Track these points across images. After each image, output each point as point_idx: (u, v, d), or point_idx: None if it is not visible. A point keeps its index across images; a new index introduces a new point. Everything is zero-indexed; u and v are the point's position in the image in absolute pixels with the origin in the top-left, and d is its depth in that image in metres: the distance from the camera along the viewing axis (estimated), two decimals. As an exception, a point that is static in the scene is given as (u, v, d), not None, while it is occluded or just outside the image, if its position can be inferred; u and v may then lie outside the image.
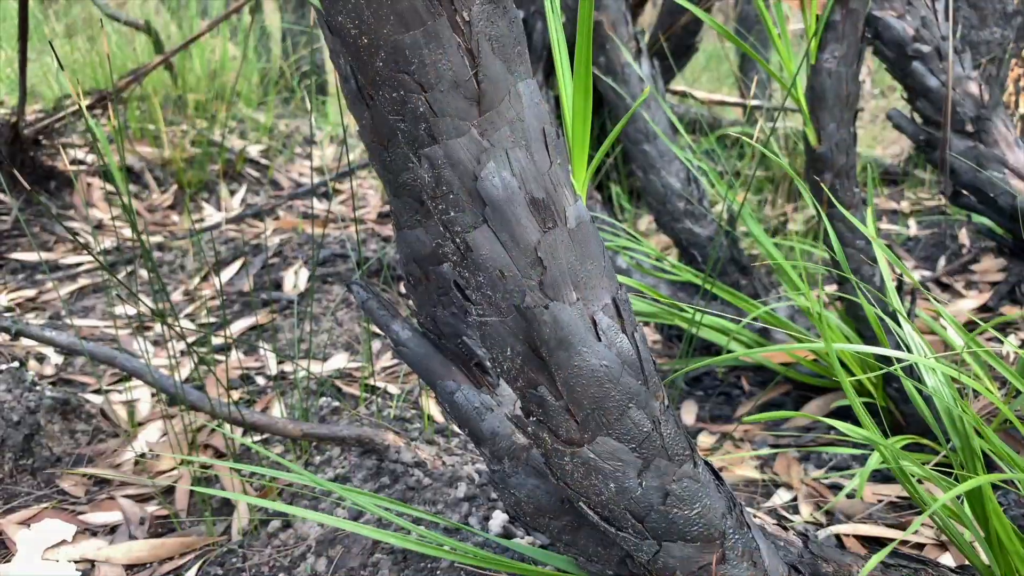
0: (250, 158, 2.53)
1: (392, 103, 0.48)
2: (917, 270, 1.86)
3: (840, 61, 0.96)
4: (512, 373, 0.53)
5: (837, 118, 0.98)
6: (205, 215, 2.19)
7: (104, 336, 1.46)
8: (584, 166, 0.54)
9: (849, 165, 1.00)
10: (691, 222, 1.29)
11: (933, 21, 1.31)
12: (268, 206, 2.24)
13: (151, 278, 1.76)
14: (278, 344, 1.44)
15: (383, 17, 0.45)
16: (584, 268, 0.51)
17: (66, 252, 1.90)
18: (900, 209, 2.16)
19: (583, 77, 0.52)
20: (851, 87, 0.98)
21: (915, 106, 1.33)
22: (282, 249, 1.83)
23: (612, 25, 1.26)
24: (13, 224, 1.95)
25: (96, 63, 3.19)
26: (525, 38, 0.50)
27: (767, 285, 1.30)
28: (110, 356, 0.94)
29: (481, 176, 0.48)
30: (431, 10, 0.45)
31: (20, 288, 1.69)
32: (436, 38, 0.46)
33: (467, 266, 0.51)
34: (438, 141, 0.48)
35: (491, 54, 0.47)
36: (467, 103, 0.47)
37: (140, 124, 2.52)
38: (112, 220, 2.11)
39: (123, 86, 1.99)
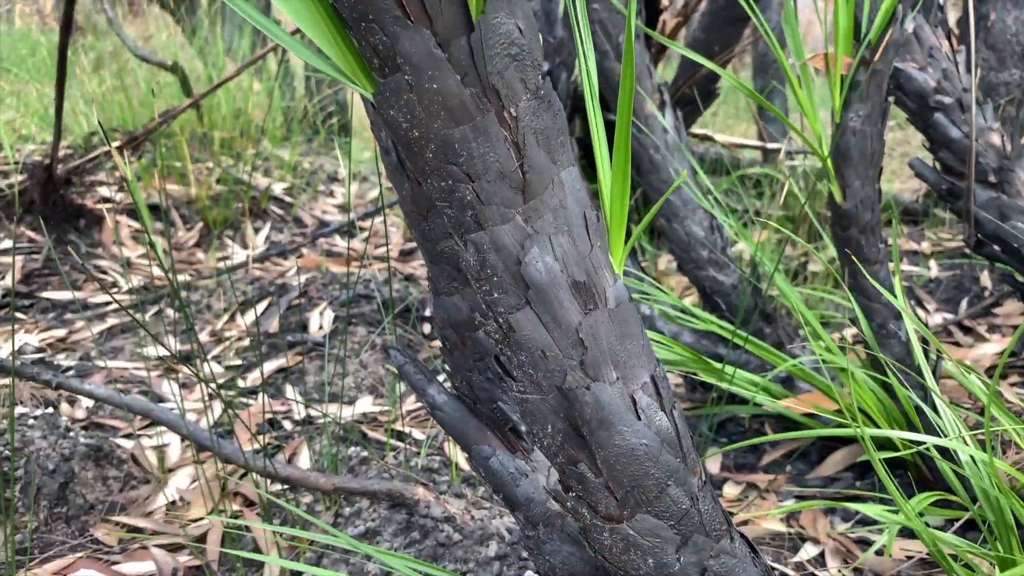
0: (274, 196, 2.57)
1: (440, 191, 0.50)
2: (939, 312, 1.85)
3: (865, 120, 0.98)
4: (552, 449, 0.54)
5: (862, 176, 0.99)
6: (230, 253, 2.22)
7: (133, 378, 1.48)
8: (621, 245, 0.56)
9: (874, 221, 1.01)
10: (715, 270, 1.30)
11: (954, 73, 1.32)
12: (292, 244, 2.27)
13: (179, 318, 1.79)
14: (305, 387, 1.45)
15: (434, 113, 0.47)
16: (624, 347, 0.52)
17: (95, 291, 1.93)
18: (921, 250, 2.16)
19: (622, 164, 0.54)
20: (876, 145, 0.99)
21: (937, 156, 1.34)
22: (307, 289, 1.85)
23: (636, 77, 1.28)
24: (44, 262, 1.99)
25: (125, 101, 3.26)
26: (567, 127, 0.52)
27: (791, 333, 1.31)
28: (147, 408, 0.96)
29: (525, 261, 0.50)
30: (480, 106, 0.47)
31: (51, 327, 1.72)
32: (484, 132, 0.47)
33: (509, 345, 0.52)
34: (484, 227, 0.50)
35: (536, 146, 0.49)
36: (513, 192, 0.49)
37: (167, 161, 2.57)
38: (141, 258, 2.15)
39: (152, 128, 2.04)
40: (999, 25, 2.23)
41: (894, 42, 0.96)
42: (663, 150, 1.30)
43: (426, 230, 0.58)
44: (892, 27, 0.95)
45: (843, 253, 1.03)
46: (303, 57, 0.50)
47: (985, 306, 1.81)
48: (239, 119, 2.89)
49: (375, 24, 0.45)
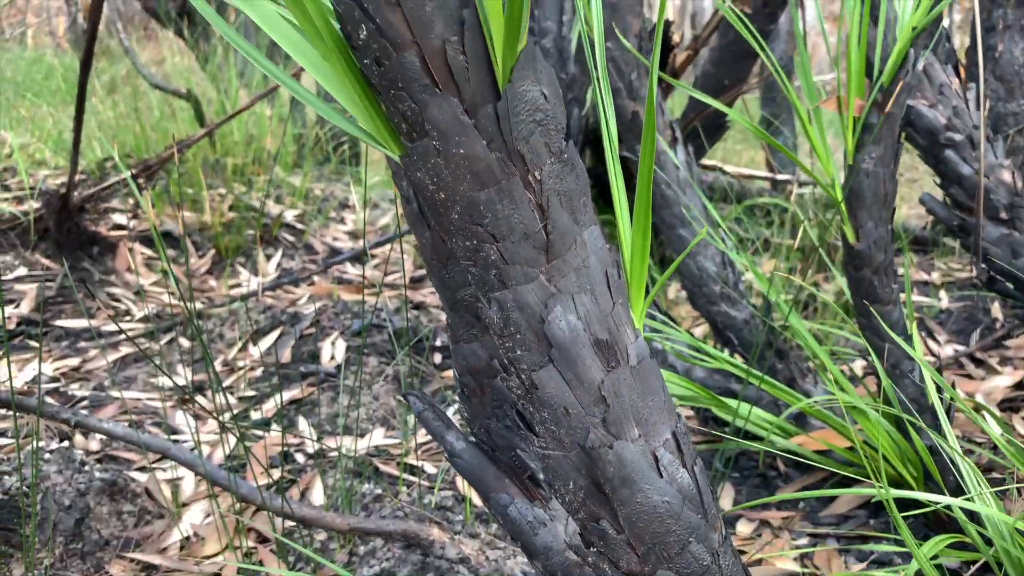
0: (286, 223, 2.59)
1: (465, 250, 0.51)
2: (950, 344, 1.85)
3: (878, 162, 0.99)
4: (574, 505, 0.54)
5: (875, 217, 1.00)
6: (242, 280, 2.24)
7: (147, 409, 1.49)
8: (641, 300, 0.57)
9: (887, 262, 1.02)
10: (727, 305, 1.31)
11: (965, 110, 1.33)
12: (303, 272, 2.29)
13: (192, 347, 1.80)
14: (318, 419, 1.46)
15: (461, 176, 0.48)
16: (645, 404, 0.53)
17: (108, 318, 1.95)
18: (931, 280, 2.16)
19: (643, 222, 0.54)
20: (888, 187, 1.00)
21: (948, 192, 1.34)
22: (319, 318, 1.86)
23: (649, 114, 1.30)
24: (58, 290, 2.01)
25: (138, 126, 3.29)
26: (589, 188, 0.53)
27: (803, 369, 1.31)
28: (164, 448, 0.96)
29: (548, 320, 0.50)
30: (505, 170, 0.48)
31: (64, 356, 1.73)
32: (509, 195, 0.48)
33: (532, 402, 0.53)
34: (508, 286, 0.51)
35: (559, 208, 0.50)
36: (536, 252, 0.50)
37: (179, 188, 2.59)
38: (154, 286, 2.17)
39: (167, 157, 2.06)
40: (1007, 56, 2.24)
41: (906, 86, 0.97)
42: (674, 186, 1.31)
43: (446, 278, 0.58)
44: (904, 71, 0.96)
45: (856, 293, 1.04)
46: (332, 119, 0.52)
47: (997, 338, 1.81)
48: (251, 146, 2.92)
49: (404, 92, 0.47)
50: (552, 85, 0.49)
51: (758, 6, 1.58)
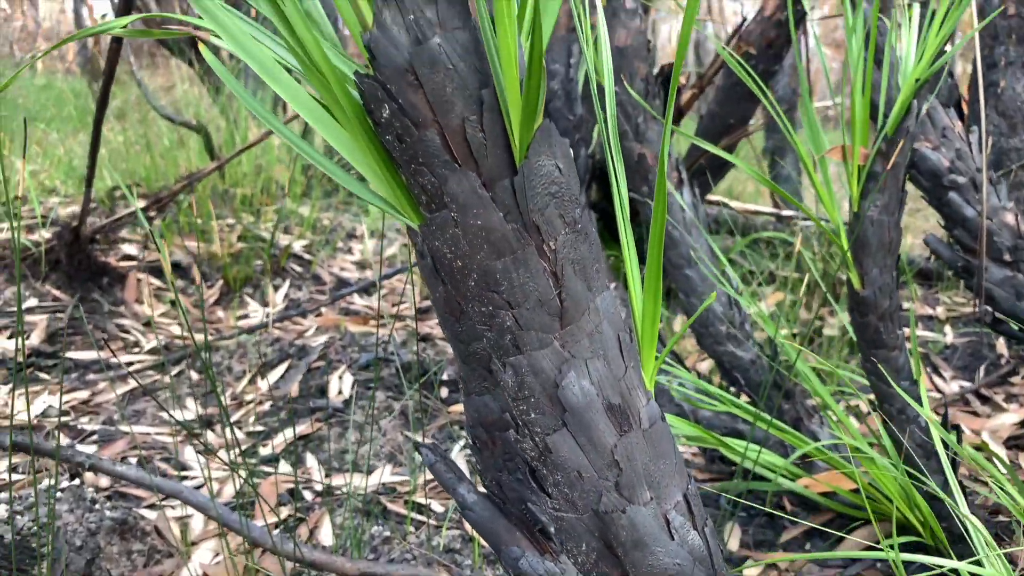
0: (294, 253, 2.61)
1: (481, 316, 0.52)
2: (955, 380, 1.86)
3: (882, 210, 1.00)
4: (586, 566, 0.55)
5: (880, 264, 1.01)
6: (249, 311, 2.25)
7: (156, 444, 1.50)
8: (652, 360, 0.58)
9: (892, 308, 1.03)
10: (733, 345, 1.32)
11: (967, 153, 1.35)
12: (311, 303, 2.30)
13: (201, 380, 1.81)
14: (323, 455, 1.46)
15: (478, 246, 0.49)
16: (657, 467, 0.53)
17: (116, 351, 1.96)
18: (936, 315, 2.17)
19: (653, 285, 0.56)
20: (893, 234, 1.01)
21: (952, 234, 1.36)
22: (327, 352, 1.87)
23: (655, 157, 1.32)
24: (68, 322, 2.02)
25: (147, 155, 3.33)
26: (602, 254, 0.54)
27: (809, 410, 1.32)
28: (176, 490, 0.97)
29: (563, 385, 0.51)
30: (521, 241, 0.49)
31: (74, 389, 1.74)
32: (525, 264, 0.50)
33: (545, 464, 0.54)
34: (523, 351, 0.52)
35: (573, 276, 0.51)
36: (551, 319, 0.51)
37: (188, 218, 2.61)
38: (163, 317, 2.18)
39: (177, 190, 2.08)
40: (1009, 92, 2.26)
41: (910, 136, 0.99)
42: (680, 227, 1.32)
43: (458, 331, 0.60)
44: (908, 122, 0.98)
45: (861, 338, 1.05)
46: (349, 187, 0.53)
47: (1002, 374, 1.81)
48: (260, 176, 2.95)
49: (425, 167, 0.48)
50: (566, 158, 0.51)
51: (762, 47, 1.61)
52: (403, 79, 0.46)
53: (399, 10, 0.46)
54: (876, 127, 1.15)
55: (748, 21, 1.60)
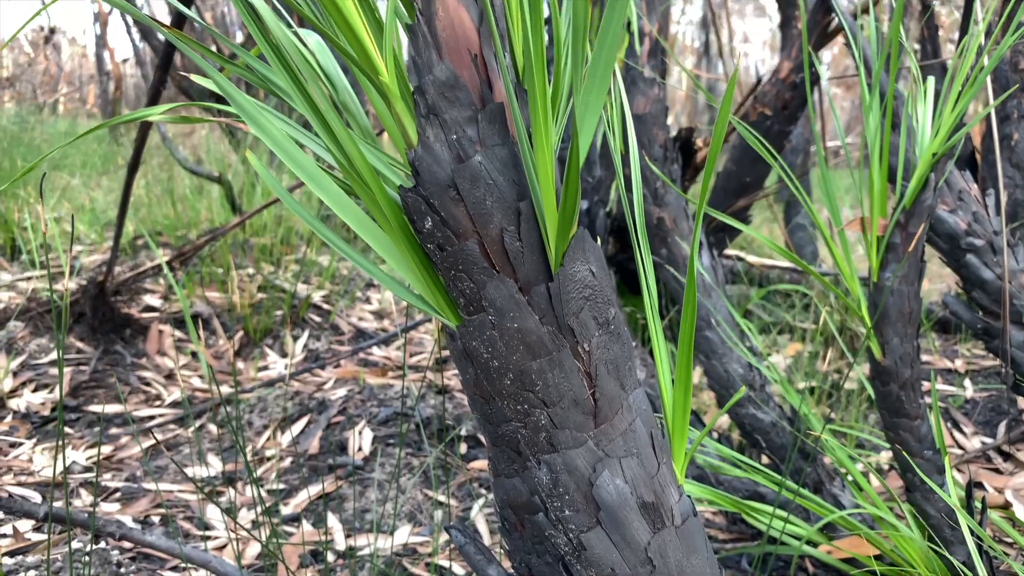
0: (313, 303, 2.63)
1: (516, 413, 0.54)
2: (976, 436, 1.85)
3: (902, 280, 1.01)
4: (620, 660, 0.56)
5: (900, 333, 1.02)
6: (269, 362, 2.27)
7: (179, 501, 1.51)
8: (682, 454, 0.59)
9: (914, 378, 1.03)
10: (754, 408, 1.32)
11: (984, 216, 1.36)
12: (329, 354, 2.32)
13: (222, 434, 1.82)
14: (345, 514, 1.47)
15: (514, 348, 0.51)
16: (690, 563, 0.54)
17: (139, 404, 1.98)
18: (955, 368, 2.16)
19: (684, 379, 0.57)
20: (913, 304, 1.02)
21: (971, 296, 1.36)
22: (346, 406, 1.89)
23: (673, 220, 1.34)
24: (91, 374, 2.05)
25: (169, 202, 3.38)
26: (634, 353, 0.56)
27: (830, 472, 1.31)
28: (204, 560, 0.98)
29: (597, 484, 0.53)
30: (556, 343, 0.51)
31: (96, 444, 1.76)
32: (560, 365, 0.51)
33: (579, 560, 0.55)
34: (557, 450, 0.53)
35: (607, 375, 0.53)
36: (585, 417, 0.53)
37: (208, 268, 2.65)
38: (184, 368, 2.20)
39: (200, 244, 2.12)
40: (1022, 144, 2.28)
41: (928, 208, 1.01)
42: (700, 290, 1.34)
43: (488, 413, 0.61)
44: (925, 194, 1.00)
45: (883, 407, 1.05)
46: (393, 290, 0.55)
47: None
48: (280, 226, 2.99)
49: (464, 273, 0.50)
50: (599, 261, 0.53)
51: (777, 109, 1.63)
52: (445, 194, 0.48)
53: (442, 129, 0.48)
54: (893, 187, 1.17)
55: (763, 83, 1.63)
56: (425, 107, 0.49)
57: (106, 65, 12.72)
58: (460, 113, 0.49)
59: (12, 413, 1.85)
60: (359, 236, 0.54)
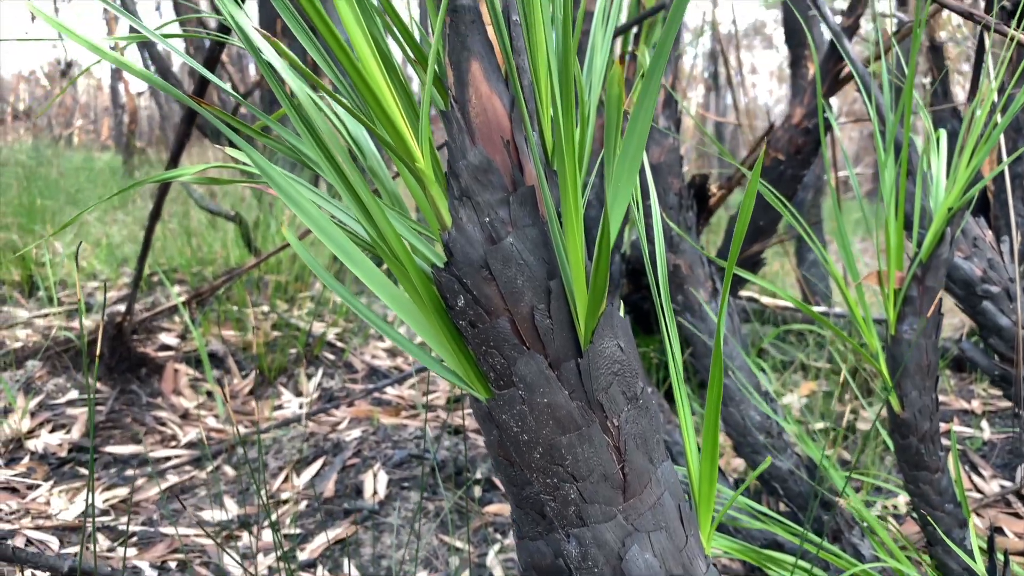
0: (327, 341, 2.65)
1: (545, 486, 0.54)
2: (995, 479, 1.83)
3: (920, 333, 1.02)
4: None
5: (919, 386, 1.02)
6: (284, 401, 2.28)
7: (195, 546, 1.51)
8: (708, 523, 0.59)
9: (933, 430, 1.03)
10: (772, 455, 1.32)
11: (1000, 263, 1.37)
12: (343, 392, 2.33)
13: (237, 477, 1.83)
14: (361, 559, 1.47)
15: (543, 422, 0.52)
16: (717, 636, 0.54)
17: (155, 444, 1.99)
18: (971, 409, 2.15)
19: (711, 448, 0.58)
20: (931, 357, 1.03)
21: (987, 342, 1.36)
22: (361, 448, 1.89)
23: (689, 267, 1.35)
24: (107, 415, 2.06)
25: (184, 236, 3.42)
26: (662, 426, 0.56)
27: (849, 520, 1.31)
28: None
29: (626, 558, 0.53)
30: (585, 418, 0.52)
31: (114, 486, 1.77)
32: (589, 440, 0.52)
33: (609, 632, 0.55)
34: (587, 524, 0.54)
35: (635, 450, 0.53)
36: (614, 492, 0.53)
37: (224, 307, 2.67)
38: (199, 408, 2.21)
39: (217, 285, 2.14)
40: (1034, 183, 2.29)
41: (944, 261, 1.01)
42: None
43: (512, 476, 0.61)
44: (942, 248, 1.01)
45: (902, 460, 1.05)
46: (425, 363, 0.56)
47: (1043, 474, 1.79)
48: (294, 263, 3.02)
49: (495, 350, 0.51)
50: (627, 335, 0.54)
51: (790, 154, 1.65)
52: (478, 274, 0.49)
53: (475, 210, 0.50)
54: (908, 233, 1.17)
55: (776, 128, 1.65)
56: (458, 189, 0.50)
57: (121, 98, 12.92)
58: (492, 196, 0.50)
59: (29, 454, 1.86)
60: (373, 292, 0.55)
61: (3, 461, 1.82)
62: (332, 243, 0.54)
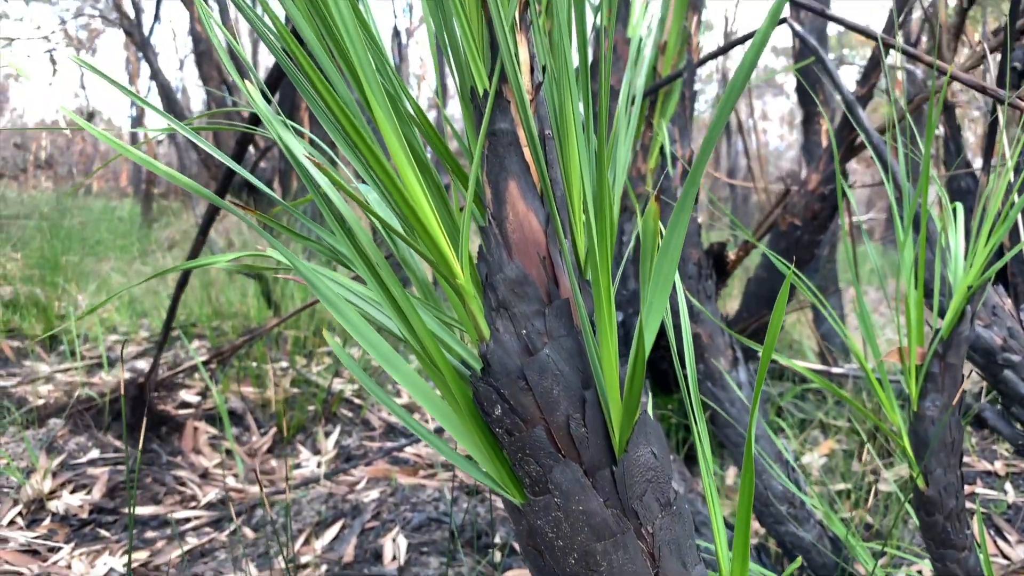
0: (344, 397, 2.66)
1: (580, 589, 0.55)
2: (1021, 544, 1.80)
3: (942, 409, 1.02)
4: None
5: (943, 463, 1.02)
6: (302, 459, 2.28)
7: (215, 614, 1.51)
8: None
9: (959, 508, 1.03)
10: (794, 525, 1.31)
11: (1020, 331, 1.37)
12: (361, 452, 2.33)
13: (256, 539, 1.83)
14: (381, 628, 1.46)
15: (579, 529, 0.53)
16: None
17: (174, 504, 1.99)
18: (995, 470, 2.13)
19: (742, 549, 0.58)
20: (955, 434, 1.03)
21: (1010, 411, 1.36)
22: (380, 510, 1.89)
23: (709, 336, 1.36)
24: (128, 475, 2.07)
25: (203, 291, 3.45)
26: (694, 530, 0.57)
27: (876, 593, 1.29)
28: None
29: (661, 663, 0.53)
30: (620, 525, 0.53)
31: (134, 548, 1.77)
32: (624, 547, 0.53)
33: None
34: (621, 628, 0.54)
35: (669, 555, 0.54)
36: (648, 597, 0.54)
37: (243, 363, 2.69)
38: (218, 467, 2.22)
39: (238, 345, 2.16)
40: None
41: (964, 339, 1.02)
42: (738, 405, 1.35)
43: (542, 566, 0.62)
44: (962, 326, 1.01)
45: (928, 537, 1.04)
46: (461, 466, 0.57)
47: (1070, 540, 1.76)
48: (313, 318, 3.04)
49: (531, 457, 0.52)
50: (660, 441, 0.55)
51: (806, 219, 1.67)
52: (515, 384, 0.51)
53: (511, 322, 0.52)
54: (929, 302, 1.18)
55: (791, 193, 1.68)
56: (496, 301, 0.52)
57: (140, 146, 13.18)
58: (529, 307, 0.52)
59: (51, 516, 1.87)
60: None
61: (25, 523, 1.83)
62: (371, 346, 0.56)
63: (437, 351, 0.53)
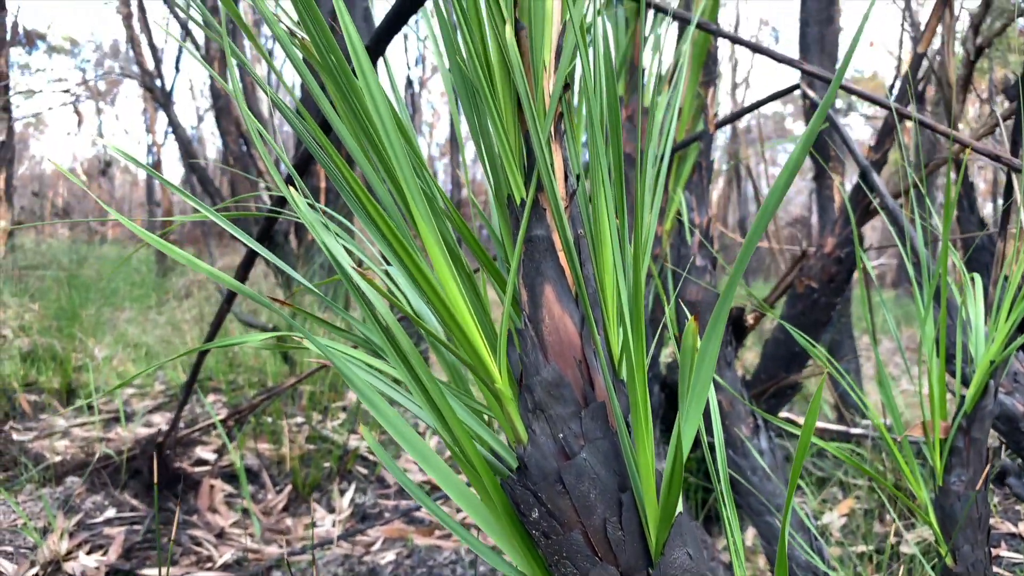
0: (359, 454, 2.65)
1: None
2: (1050, 611, 1.77)
3: (968, 485, 1.02)
4: None
5: (971, 539, 1.01)
6: (317, 518, 2.27)
7: None
8: None
9: (988, 584, 1.02)
10: (819, 597, 1.29)
11: (1041, 399, 1.37)
12: (376, 511, 2.32)
13: (272, 604, 1.81)
14: None
15: (615, 631, 0.53)
16: None
17: (190, 566, 1.98)
18: (1019, 532, 2.09)
19: (777, 650, 0.58)
20: (982, 509, 1.02)
21: (1035, 479, 1.35)
22: (397, 574, 1.87)
23: (730, 404, 1.36)
24: (144, 535, 2.07)
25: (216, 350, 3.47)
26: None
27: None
28: None
29: None
30: (657, 628, 0.53)
31: (149, 613, 1.76)
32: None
33: None
34: None
35: (706, 657, 0.54)
36: None
37: (259, 419, 2.70)
38: (234, 527, 2.21)
39: (256, 404, 2.17)
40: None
41: (988, 412, 1.02)
42: (759, 472, 1.34)
43: None
44: (985, 400, 1.02)
45: (959, 614, 1.03)
46: (496, 565, 0.58)
47: (1100, 607, 1.73)
48: (328, 373, 3.05)
49: (568, 560, 0.53)
50: (695, 543, 0.55)
51: (823, 281, 1.68)
52: (552, 488, 0.52)
53: (547, 423, 0.53)
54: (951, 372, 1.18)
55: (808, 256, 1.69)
56: (532, 403, 0.53)
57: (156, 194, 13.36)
58: (565, 409, 0.53)
59: (67, 578, 1.86)
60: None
61: (41, 586, 1.83)
62: (413, 450, 0.57)
63: (473, 451, 0.53)
